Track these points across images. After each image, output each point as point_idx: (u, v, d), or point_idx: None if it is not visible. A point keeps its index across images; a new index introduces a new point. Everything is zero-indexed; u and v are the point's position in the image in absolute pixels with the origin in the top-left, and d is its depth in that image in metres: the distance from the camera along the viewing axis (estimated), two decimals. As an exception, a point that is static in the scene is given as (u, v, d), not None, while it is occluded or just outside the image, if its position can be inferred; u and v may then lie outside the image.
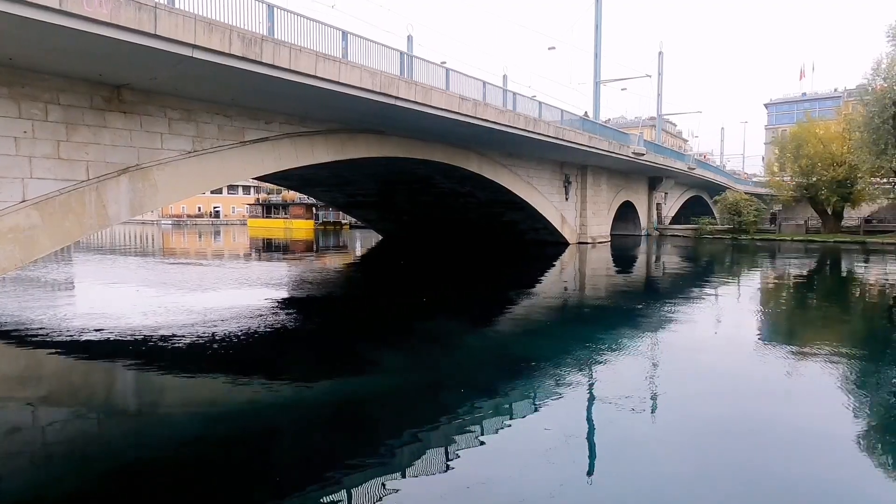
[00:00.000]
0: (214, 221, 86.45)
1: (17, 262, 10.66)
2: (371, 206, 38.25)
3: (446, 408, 8.21)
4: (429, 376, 10.07)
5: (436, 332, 13.56)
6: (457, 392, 8.93)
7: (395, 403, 8.73)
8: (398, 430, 7.43)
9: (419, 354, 11.71)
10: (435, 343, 12.56)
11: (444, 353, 11.77)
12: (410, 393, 9.20)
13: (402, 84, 15.66)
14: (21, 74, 10.61)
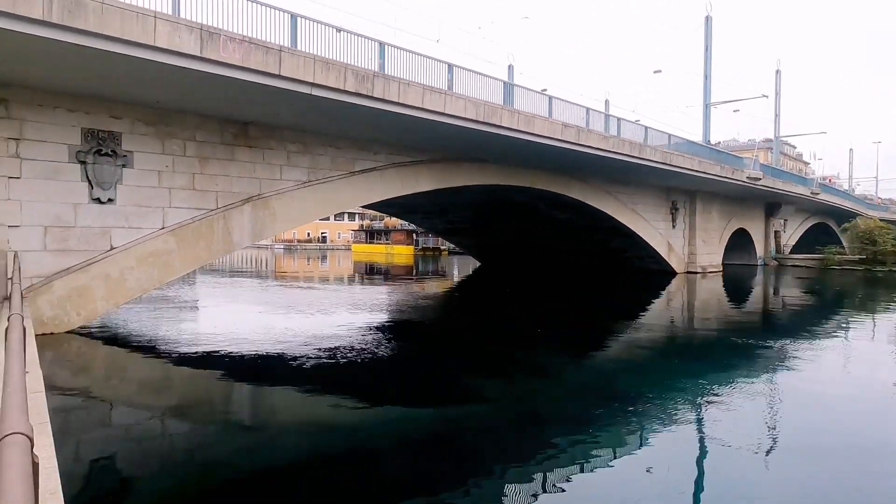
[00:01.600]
0: (321, 246, 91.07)
1: (155, 282, 11.81)
2: (469, 232, 38.66)
3: (546, 441, 7.99)
4: (529, 408, 9.87)
5: (536, 363, 13.31)
6: (557, 426, 8.68)
7: (495, 433, 8.62)
8: (497, 460, 7.32)
9: (520, 385, 11.53)
10: (536, 374, 12.32)
11: (545, 385, 11.51)
12: (510, 424, 9.06)
13: (505, 113, 15.83)
14: (165, 115, 11.88)
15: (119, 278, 11.17)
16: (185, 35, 9.40)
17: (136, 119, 11.47)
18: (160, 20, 9.15)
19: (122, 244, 11.27)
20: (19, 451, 0.78)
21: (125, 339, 14.27)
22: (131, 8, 8.93)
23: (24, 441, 0.81)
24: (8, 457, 0.75)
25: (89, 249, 10.88)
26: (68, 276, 10.50)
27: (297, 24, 11.91)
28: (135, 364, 12.26)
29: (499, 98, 16.95)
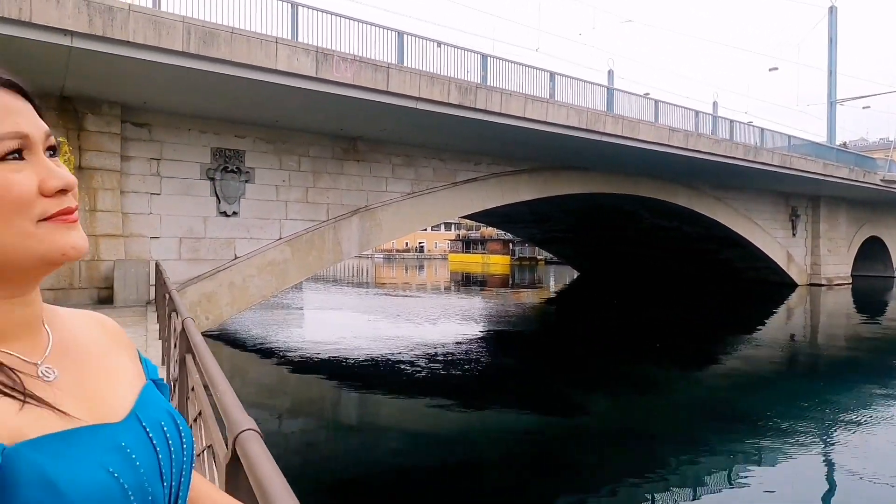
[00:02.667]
0: (419, 256, 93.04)
1: (273, 290, 12.61)
2: (568, 241, 37.94)
3: (655, 459, 7.64)
4: (636, 424, 9.50)
5: (643, 378, 12.78)
6: (667, 444, 8.28)
7: (599, 448, 8.37)
8: (602, 476, 7.10)
9: (626, 400, 11.13)
10: (643, 389, 11.84)
11: (653, 401, 11.03)
12: (616, 439, 8.77)
13: (609, 119, 15.43)
14: (282, 133, 12.71)
15: (242, 285, 12.05)
16: (303, 57, 10.03)
17: (257, 138, 12.37)
18: (280, 45, 9.82)
19: (244, 254, 12.16)
20: (259, 444, 0.86)
21: (244, 343, 15.36)
22: (256, 35, 9.66)
23: (257, 435, 0.90)
24: (253, 450, 0.83)
25: (216, 259, 11.84)
26: (199, 283, 11.47)
27: (404, 41, 12.33)
28: (253, 366, 13.15)
29: (601, 104, 16.57)
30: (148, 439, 0.60)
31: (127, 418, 0.61)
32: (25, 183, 0.54)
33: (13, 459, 0.48)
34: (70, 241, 0.56)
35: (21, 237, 0.54)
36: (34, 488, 0.47)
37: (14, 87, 0.57)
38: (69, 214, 0.57)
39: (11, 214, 0.53)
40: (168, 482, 0.60)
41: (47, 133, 0.58)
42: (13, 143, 0.54)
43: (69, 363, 0.61)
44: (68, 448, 0.52)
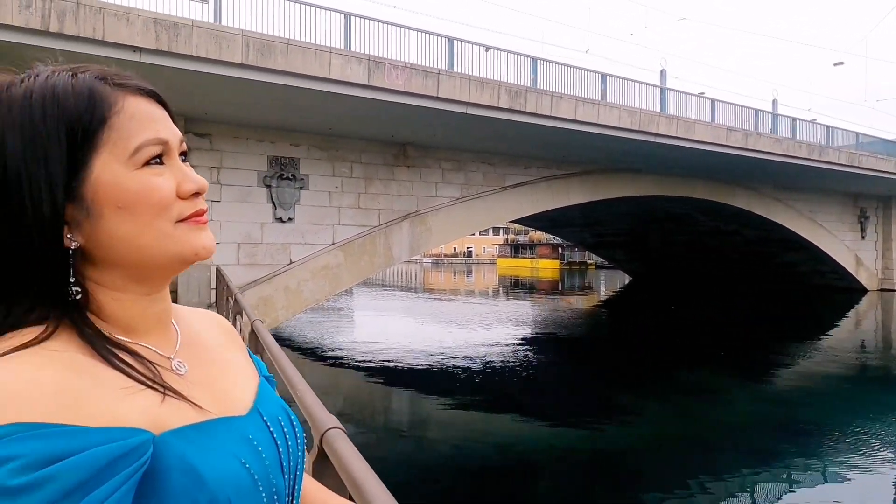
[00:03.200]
0: (467, 260, 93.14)
1: (326, 293, 12.89)
2: (620, 245, 37.18)
3: (712, 468, 7.38)
4: (693, 433, 9.21)
5: (701, 385, 12.38)
6: (726, 454, 7.99)
7: (655, 456, 8.15)
8: (658, 485, 6.90)
9: (683, 408, 10.81)
10: (700, 397, 11.47)
11: (712, 409, 10.67)
12: (672, 448, 8.52)
13: (663, 120, 15.07)
14: (335, 141, 12.99)
15: (296, 290, 12.36)
16: (355, 66, 10.23)
17: (311, 145, 12.69)
18: (334, 54, 10.06)
19: (299, 259, 12.47)
20: (346, 441, 0.88)
21: (298, 345, 15.73)
22: (311, 46, 9.93)
23: (343, 433, 0.92)
24: (342, 447, 0.86)
25: (272, 264, 12.19)
26: (256, 287, 11.84)
27: (454, 46, 12.42)
28: (306, 368, 13.44)
29: (654, 104, 16.22)
30: (269, 433, 0.63)
31: (250, 412, 0.64)
32: (165, 186, 0.57)
33: (161, 448, 0.51)
34: (202, 241, 0.60)
35: (161, 237, 0.57)
36: (179, 474, 0.51)
37: (154, 96, 0.61)
38: (201, 216, 0.60)
39: (153, 216, 0.56)
40: (287, 475, 0.64)
41: (181, 139, 0.62)
42: (155, 148, 0.57)
43: (194, 358, 0.65)
44: (205, 438, 0.55)
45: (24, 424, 0.44)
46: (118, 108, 0.57)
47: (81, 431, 0.46)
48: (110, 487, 0.45)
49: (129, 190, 0.55)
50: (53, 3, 7.88)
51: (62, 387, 0.48)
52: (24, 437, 0.43)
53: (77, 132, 0.55)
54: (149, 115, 0.59)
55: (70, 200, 0.54)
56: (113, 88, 0.58)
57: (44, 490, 0.42)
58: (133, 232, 0.56)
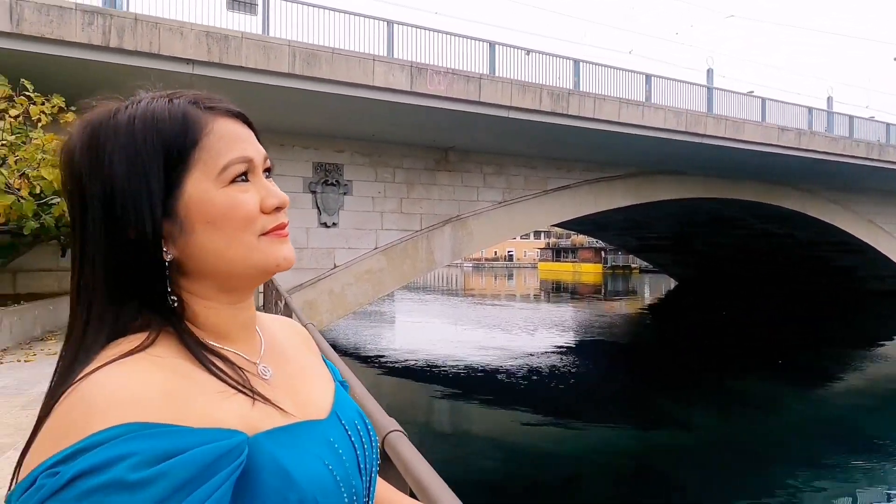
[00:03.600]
0: (508, 265, 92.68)
1: (370, 297, 13.04)
2: (665, 249, 36.31)
3: (764, 479, 7.13)
4: (745, 443, 8.92)
5: (752, 393, 11.99)
6: (780, 466, 7.70)
7: (705, 467, 7.93)
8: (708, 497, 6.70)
9: (732, 416, 10.49)
10: (751, 405, 11.11)
11: (764, 418, 10.32)
12: (723, 458, 8.28)
13: (710, 120, 14.68)
14: (378, 146, 13.16)
15: (340, 293, 12.56)
16: (398, 73, 10.36)
17: (354, 151, 12.89)
18: (377, 62, 10.21)
19: (342, 263, 12.67)
20: (408, 444, 0.91)
21: (341, 349, 15.95)
22: (355, 54, 10.11)
23: (404, 436, 0.95)
24: (404, 450, 0.88)
25: (317, 268, 12.42)
26: (302, 291, 12.08)
27: (495, 51, 12.43)
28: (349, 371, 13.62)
29: (701, 105, 15.84)
30: (347, 436, 0.67)
31: (330, 416, 0.67)
32: (250, 202, 0.61)
33: (254, 448, 0.54)
34: (283, 253, 0.63)
35: (246, 249, 0.61)
36: (271, 474, 0.54)
37: (240, 117, 0.66)
38: (282, 229, 0.64)
39: (239, 230, 0.60)
40: (364, 476, 0.67)
41: (265, 156, 0.66)
42: (241, 166, 0.62)
43: (277, 363, 0.68)
44: (292, 440, 0.59)
45: (137, 424, 0.48)
46: (208, 130, 0.61)
47: (187, 432, 0.50)
48: (214, 485, 0.49)
49: (217, 206, 0.60)
50: (113, 19, 8.26)
51: (168, 390, 0.52)
52: (139, 435, 0.47)
53: (173, 153, 0.59)
54: (236, 135, 0.63)
55: (166, 216, 0.59)
56: (204, 112, 0.63)
57: (158, 485, 0.46)
58: (221, 245, 0.60)
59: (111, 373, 0.51)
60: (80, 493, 0.44)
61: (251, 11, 10.40)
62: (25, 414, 3.97)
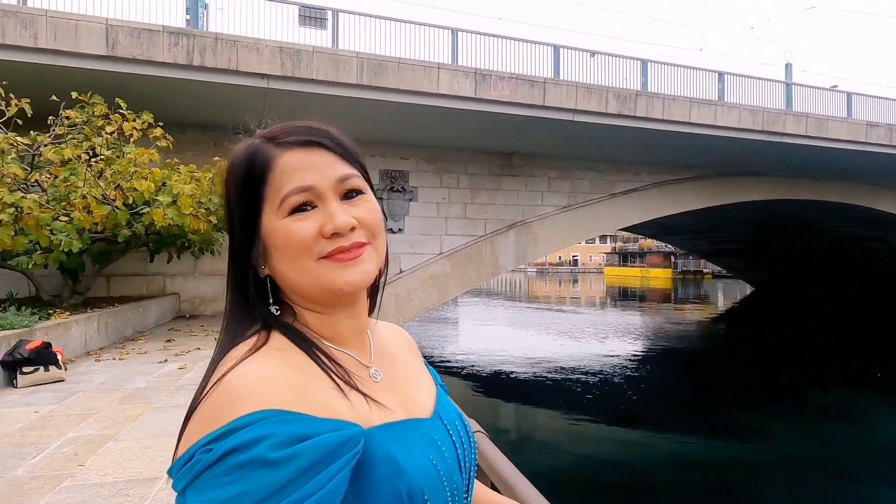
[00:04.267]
0: (573, 269, 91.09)
1: (434, 302, 13.18)
2: (740, 254, 34.67)
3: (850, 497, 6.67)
4: (828, 458, 8.41)
5: (839, 406, 11.29)
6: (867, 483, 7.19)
7: (784, 481, 7.51)
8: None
9: (816, 430, 9.90)
10: (837, 419, 10.46)
11: (851, 433, 9.69)
12: (803, 473, 7.83)
13: (789, 118, 13.95)
14: (442, 153, 13.31)
15: (406, 298, 12.76)
16: (462, 80, 10.46)
17: (419, 158, 13.10)
18: (442, 69, 10.35)
19: (408, 268, 12.88)
20: (490, 443, 0.95)
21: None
22: (420, 63, 10.29)
23: (486, 436, 0.99)
24: (488, 449, 0.93)
25: (384, 273, 12.68)
26: (368, 296, 12.37)
27: (560, 54, 12.32)
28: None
29: (779, 102, 15.08)
30: (449, 436, 0.72)
31: (433, 416, 0.73)
32: (304, 230, 0.67)
33: (368, 440, 0.61)
34: (343, 277, 0.67)
35: (305, 273, 0.67)
36: (383, 464, 0.61)
37: (311, 144, 0.69)
38: (343, 253, 0.67)
39: (296, 256, 0.67)
40: (464, 474, 0.72)
41: (340, 179, 0.69)
42: (299, 197, 0.67)
43: (386, 367, 0.75)
44: (401, 435, 0.65)
45: (272, 411, 0.56)
46: (272, 165, 0.68)
47: (314, 420, 0.58)
48: (336, 468, 0.56)
49: (278, 235, 0.67)
50: (196, 39, 8.80)
51: (294, 383, 0.61)
52: (274, 420, 0.55)
53: (249, 191, 0.69)
54: (298, 165, 0.68)
55: (257, 241, 0.69)
56: (276, 146, 0.69)
57: (292, 464, 0.53)
58: (286, 268, 0.68)
59: (247, 368, 0.60)
60: (230, 467, 0.53)
61: (321, 26, 10.80)
62: (122, 408, 4.28)
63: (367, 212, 0.70)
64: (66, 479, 2.91)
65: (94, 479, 2.92)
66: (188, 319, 10.09)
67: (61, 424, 3.87)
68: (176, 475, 0.57)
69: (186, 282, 11.10)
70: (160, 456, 3.25)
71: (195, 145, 11.02)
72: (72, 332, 6.33)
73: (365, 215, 0.70)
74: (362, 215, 0.69)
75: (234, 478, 0.52)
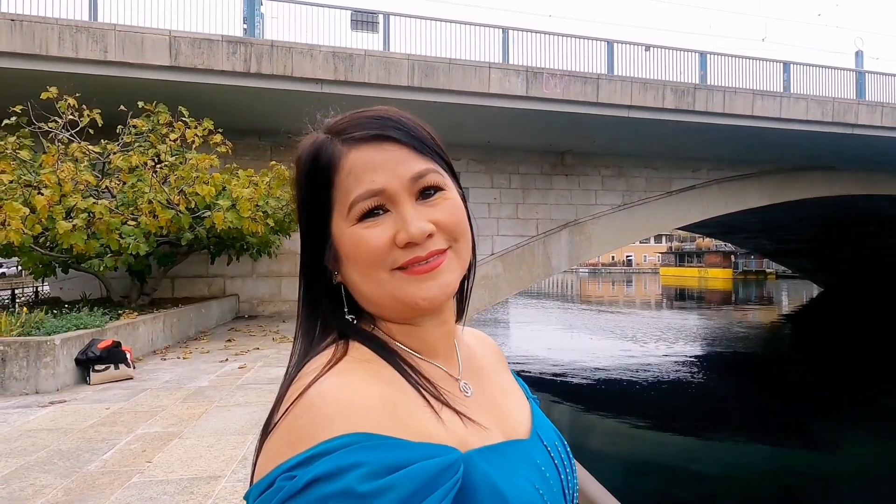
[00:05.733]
0: (626, 270, 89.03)
1: (486, 303, 13.10)
2: (806, 253, 32.98)
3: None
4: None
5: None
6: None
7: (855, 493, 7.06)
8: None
9: (888, 439, 9.29)
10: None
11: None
12: (877, 485, 7.33)
13: (862, 108, 13.15)
14: (493, 153, 13.22)
15: (458, 299, 12.74)
16: (513, 78, 10.35)
17: (470, 158, 13.05)
18: (493, 69, 10.27)
19: (460, 269, 12.86)
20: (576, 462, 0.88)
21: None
22: (470, 63, 10.25)
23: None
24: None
25: (435, 274, 12.70)
26: (420, 297, 12.42)
27: (613, 49, 12.02)
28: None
29: (849, 92, 14.24)
30: (550, 458, 0.65)
31: (532, 436, 0.66)
32: (375, 239, 0.59)
33: (468, 465, 0.53)
34: (420, 292, 0.59)
35: (378, 284, 0.60)
36: (485, 493, 0.53)
37: (380, 139, 0.61)
38: (418, 263, 0.59)
39: (367, 266, 0.59)
40: (568, 499, 0.65)
41: (414, 177, 0.60)
42: (368, 202, 0.59)
43: (476, 379, 0.67)
44: (502, 459, 0.57)
45: (363, 434, 0.49)
46: (339, 167, 0.60)
47: (409, 445, 0.50)
48: (435, 499, 0.48)
49: (347, 244, 0.60)
50: (253, 47, 9.04)
51: (385, 400, 0.53)
52: (365, 446, 0.48)
53: (317, 193, 0.62)
54: (366, 165, 0.60)
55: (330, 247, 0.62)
56: (341, 143, 0.61)
57: (386, 497, 0.46)
58: (358, 279, 0.61)
59: (331, 382, 0.53)
60: (315, 498, 0.46)
61: (373, 30, 10.92)
62: (186, 406, 4.42)
63: (446, 212, 0.61)
64: (134, 476, 3.00)
65: (161, 475, 3.01)
66: (247, 320, 10.38)
67: (130, 421, 4.03)
68: (254, 502, 0.50)
69: (245, 283, 11.43)
70: (222, 454, 3.32)
71: (252, 150, 11.34)
72: (139, 331, 6.60)
73: (444, 217, 0.61)
74: (441, 217, 0.61)
75: None
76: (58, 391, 4.96)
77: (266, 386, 5.03)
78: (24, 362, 4.90)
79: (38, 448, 3.45)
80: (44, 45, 8.18)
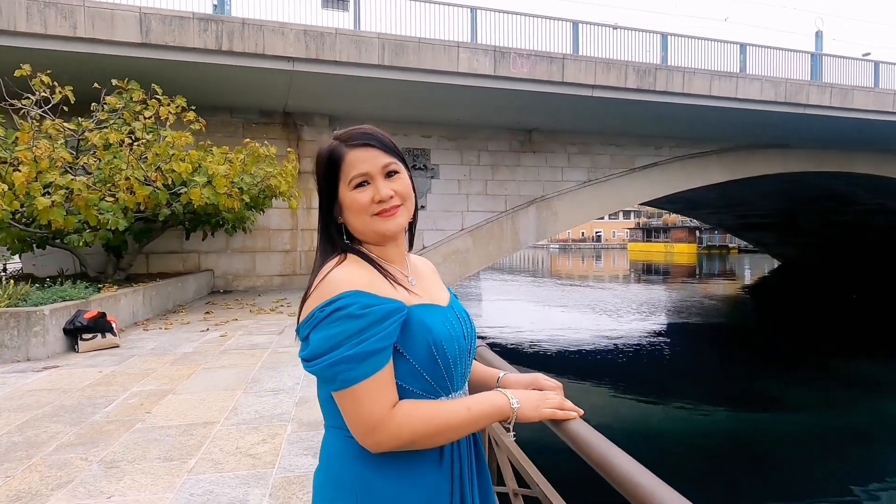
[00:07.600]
0: (596, 245, 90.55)
1: (457, 277, 13.53)
2: (767, 228, 34.25)
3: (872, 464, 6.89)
4: (853, 426, 8.59)
5: (860, 374, 11.42)
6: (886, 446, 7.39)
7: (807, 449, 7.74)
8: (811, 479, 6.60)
9: (835, 397, 10.07)
10: (858, 386, 10.60)
11: (871, 399, 9.84)
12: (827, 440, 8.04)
13: (813, 89, 13.81)
14: (463, 130, 13.54)
15: (429, 273, 13.15)
16: (482, 58, 10.64)
17: (440, 136, 13.35)
18: (461, 48, 10.54)
19: (431, 244, 13.24)
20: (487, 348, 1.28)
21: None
22: (440, 42, 10.49)
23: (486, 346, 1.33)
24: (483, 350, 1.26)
25: (407, 249, 13.05)
26: (393, 271, 12.77)
27: (578, 30, 12.38)
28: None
29: (804, 73, 14.89)
30: (458, 318, 1.13)
31: (448, 306, 1.15)
32: (364, 198, 1.08)
33: (409, 312, 1.02)
34: (385, 227, 1.09)
35: (364, 224, 1.10)
36: (418, 325, 1.02)
37: (366, 145, 1.09)
38: (384, 212, 1.08)
39: (359, 213, 1.09)
40: (467, 342, 1.12)
41: (384, 166, 1.09)
42: (360, 178, 1.08)
43: (418, 277, 1.17)
44: (428, 311, 1.06)
45: (357, 291, 0.98)
46: (344, 159, 1.09)
47: (380, 298, 0.99)
48: (391, 322, 0.98)
49: (348, 201, 1.09)
50: (224, 25, 9.14)
51: (368, 279, 1.02)
52: (357, 295, 0.97)
53: (331, 175, 1.11)
54: (359, 159, 1.08)
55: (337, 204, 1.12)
56: (345, 146, 1.09)
57: (368, 317, 0.95)
58: (353, 221, 1.10)
59: (339, 270, 1.02)
60: (334, 318, 0.95)
61: (343, 8, 11.04)
62: (175, 368, 4.74)
63: (401, 185, 1.11)
64: (137, 423, 3.35)
65: (161, 423, 3.36)
66: (223, 294, 10.62)
67: (124, 382, 4.35)
68: (302, 328, 1.00)
69: (220, 259, 11.64)
70: (215, 406, 3.68)
71: (224, 127, 11.45)
72: (121, 304, 6.84)
73: (399, 188, 1.10)
74: (398, 188, 1.10)
75: (337, 323, 0.95)
76: (48, 358, 5.23)
77: (248, 351, 5.37)
78: (14, 331, 5.14)
79: (42, 404, 3.76)
80: (12, 21, 8.17)
